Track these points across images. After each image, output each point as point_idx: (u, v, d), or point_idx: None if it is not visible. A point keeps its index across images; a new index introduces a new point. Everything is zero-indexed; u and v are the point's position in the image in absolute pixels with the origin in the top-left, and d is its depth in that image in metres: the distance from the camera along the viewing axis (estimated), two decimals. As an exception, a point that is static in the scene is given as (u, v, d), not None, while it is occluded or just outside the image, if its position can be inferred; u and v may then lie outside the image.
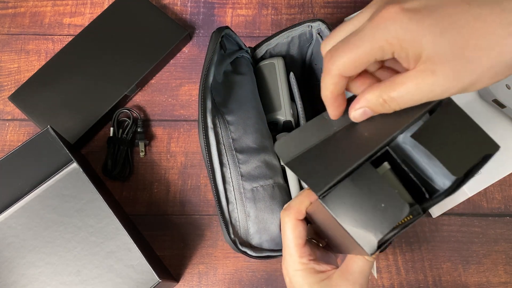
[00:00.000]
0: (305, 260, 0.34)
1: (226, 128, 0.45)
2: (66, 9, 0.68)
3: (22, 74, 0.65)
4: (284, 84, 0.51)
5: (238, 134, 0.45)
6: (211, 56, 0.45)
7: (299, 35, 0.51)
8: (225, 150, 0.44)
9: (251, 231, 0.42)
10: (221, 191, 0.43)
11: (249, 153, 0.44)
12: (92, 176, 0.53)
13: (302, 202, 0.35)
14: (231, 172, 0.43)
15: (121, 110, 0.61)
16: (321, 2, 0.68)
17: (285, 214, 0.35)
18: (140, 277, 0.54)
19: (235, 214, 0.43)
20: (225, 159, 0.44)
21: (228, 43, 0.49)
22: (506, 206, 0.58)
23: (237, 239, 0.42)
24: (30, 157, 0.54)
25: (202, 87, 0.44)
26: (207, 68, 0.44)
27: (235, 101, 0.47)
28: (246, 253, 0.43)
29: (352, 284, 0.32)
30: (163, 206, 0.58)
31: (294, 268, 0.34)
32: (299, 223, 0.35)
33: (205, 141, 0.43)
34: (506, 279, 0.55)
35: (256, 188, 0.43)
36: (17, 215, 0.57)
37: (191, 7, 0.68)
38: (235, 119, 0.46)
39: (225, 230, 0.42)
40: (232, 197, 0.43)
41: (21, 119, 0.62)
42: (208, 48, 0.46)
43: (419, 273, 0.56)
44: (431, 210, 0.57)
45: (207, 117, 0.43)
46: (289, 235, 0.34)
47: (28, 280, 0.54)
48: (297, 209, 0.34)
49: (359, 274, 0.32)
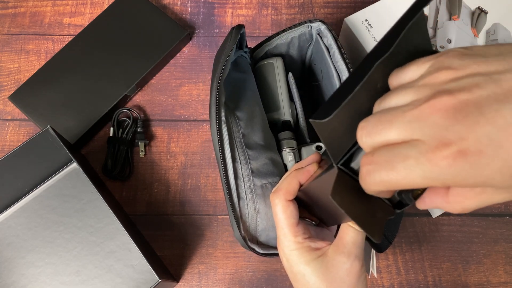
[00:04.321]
0: (300, 239, 0.34)
1: (236, 124, 0.45)
2: (66, 9, 0.68)
3: (22, 74, 0.65)
4: (283, 84, 0.51)
5: (247, 130, 0.45)
6: (230, 51, 0.44)
7: (299, 35, 0.51)
8: (236, 145, 0.44)
9: (260, 228, 0.42)
10: (233, 186, 0.43)
11: (257, 150, 0.44)
12: (92, 176, 0.53)
13: (290, 184, 0.35)
14: (242, 167, 0.43)
15: (121, 110, 0.61)
16: (321, 2, 0.68)
17: (275, 196, 0.36)
18: (140, 277, 0.54)
19: (245, 210, 0.42)
20: (237, 155, 0.43)
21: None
22: (506, 206, 0.58)
23: (247, 236, 0.42)
24: (30, 157, 0.54)
25: (218, 81, 0.43)
26: (224, 62, 0.44)
27: (241, 98, 0.47)
28: (254, 250, 0.43)
29: (347, 255, 0.32)
30: (163, 206, 0.58)
31: (290, 248, 0.35)
32: (290, 203, 0.35)
33: (218, 136, 0.42)
34: (506, 279, 0.55)
35: (265, 185, 0.43)
36: (17, 215, 0.57)
37: (191, 7, 0.68)
38: (244, 115, 0.46)
39: (236, 226, 0.42)
40: (243, 192, 0.43)
41: (21, 119, 0.62)
42: (225, 43, 0.45)
43: (419, 273, 0.56)
44: (431, 210, 0.57)
45: (221, 111, 0.43)
46: (281, 216, 0.35)
47: (28, 280, 0.54)
48: (286, 190, 0.35)
49: (352, 245, 0.32)
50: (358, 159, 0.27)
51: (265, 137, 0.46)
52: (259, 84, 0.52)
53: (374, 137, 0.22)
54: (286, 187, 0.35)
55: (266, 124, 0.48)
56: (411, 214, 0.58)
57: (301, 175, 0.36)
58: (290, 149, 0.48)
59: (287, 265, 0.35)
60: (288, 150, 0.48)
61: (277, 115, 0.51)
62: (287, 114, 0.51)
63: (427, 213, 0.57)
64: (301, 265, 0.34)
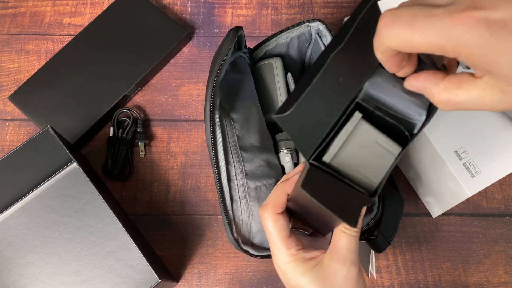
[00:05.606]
0: (293, 251, 0.34)
1: (231, 126, 0.45)
2: (66, 9, 0.68)
3: (22, 74, 0.65)
4: (282, 85, 0.51)
5: (242, 132, 0.45)
6: (226, 53, 0.44)
7: (298, 35, 0.51)
8: (230, 148, 0.44)
9: (254, 230, 0.42)
10: (226, 189, 0.43)
11: (252, 152, 0.44)
12: (92, 176, 0.53)
13: (277, 196, 0.35)
14: (235, 170, 0.43)
15: (121, 110, 0.61)
16: (321, 2, 0.68)
17: (264, 211, 0.35)
18: (140, 277, 0.54)
19: (238, 213, 0.43)
20: (231, 157, 0.43)
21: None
22: (506, 206, 0.58)
23: (240, 238, 0.42)
24: (30, 157, 0.54)
25: (213, 83, 0.43)
26: (220, 64, 0.43)
27: (237, 99, 0.47)
28: (247, 252, 0.43)
29: (343, 262, 0.32)
30: (163, 206, 0.59)
31: (284, 261, 0.34)
32: (279, 216, 0.35)
33: (212, 138, 0.42)
34: (506, 279, 0.55)
35: (259, 187, 0.43)
36: (17, 215, 0.57)
37: (191, 7, 0.68)
38: (239, 117, 0.46)
39: (228, 229, 0.42)
40: (236, 195, 0.43)
41: (21, 119, 0.62)
42: (222, 45, 0.45)
43: (419, 273, 0.56)
44: (431, 210, 0.57)
45: (216, 113, 0.43)
46: (272, 230, 0.35)
47: (28, 280, 0.54)
48: (274, 203, 0.35)
49: (347, 250, 0.32)
50: (330, 152, 0.27)
51: (261, 139, 0.46)
52: (258, 84, 0.52)
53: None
54: (274, 200, 0.35)
55: (263, 125, 0.48)
56: (411, 214, 0.58)
57: (288, 186, 0.35)
58: (288, 150, 0.48)
59: (284, 279, 0.35)
60: (286, 151, 0.48)
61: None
62: (287, 114, 0.50)
63: (427, 213, 0.57)
64: (297, 277, 0.33)
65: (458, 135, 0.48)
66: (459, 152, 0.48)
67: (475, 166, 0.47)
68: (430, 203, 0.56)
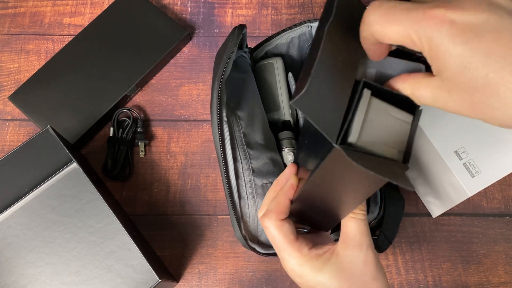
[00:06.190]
0: (306, 251, 0.33)
1: (237, 123, 0.45)
2: (66, 9, 0.68)
3: (22, 74, 0.65)
4: (283, 84, 0.51)
5: (248, 130, 0.45)
6: (232, 50, 0.44)
7: (299, 35, 0.51)
8: (237, 145, 0.44)
9: (260, 227, 0.42)
10: (234, 186, 0.42)
11: (258, 149, 0.44)
12: (92, 176, 0.53)
13: (280, 203, 0.34)
14: (243, 167, 0.43)
15: (121, 110, 0.61)
16: (321, 2, 0.68)
17: (266, 219, 0.34)
18: (140, 277, 0.54)
19: (246, 210, 0.42)
20: (238, 154, 0.43)
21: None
22: (506, 206, 0.58)
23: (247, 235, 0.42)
24: (30, 157, 0.54)
25: (220, 79, 0.42)
26: (226, 61, 0.43)
27: (242, 98, 0.47)
28: (255, 250, 0.42)
29: (359, 247, 0.31)
30: (163, 206, 0.58)
31: (299, 264, 0.33)
32: (284, 222, 0.34)
33: (220, 135, 0.42)
34: (506, 279, 0.55)
35: (265, 184, 0.43)
36: (17, 215, 0.57)
37: (191, 7, 0.68)
38: (244, 115, 0.46)
39: (237, 226, 0.42)
40: (244, 192, 0.43)
41: (21, 119, 0.62)
42: (226, 43, 0.45)
43: (419, 273, 0.56)
44: (431, 210, 0.57)
45: (223, 110, 0.42)
46: (279, 237, 0.33)
47: (28, 280, 0.54)
48: (277, 210, 0.34)
49: (360, 235, 0.31)
50: (353, 133, 0.27)
51: (265, 137, 0.46)
52: (259, 84, 0.52)
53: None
54: (276, 207, 0.34)
55: (266, 124, 0.48)
56: (411, 214, 0.58)
57: (288, 190, 0.34)
58: (290, 149, 0.48)
59: (302, 281, 0.34)
60: (288, 150, 0.48)
61: (277, 115, 0.51)
62: (287, 114, 0.51)
63: (427, 213, 0.58)
64: (317, 275, 0.32)
65: (458, 135, 0.48)
66: (459, 152, 0.48)
67: (475, 166, 0.47)
68: (430, 203, 0.56)
